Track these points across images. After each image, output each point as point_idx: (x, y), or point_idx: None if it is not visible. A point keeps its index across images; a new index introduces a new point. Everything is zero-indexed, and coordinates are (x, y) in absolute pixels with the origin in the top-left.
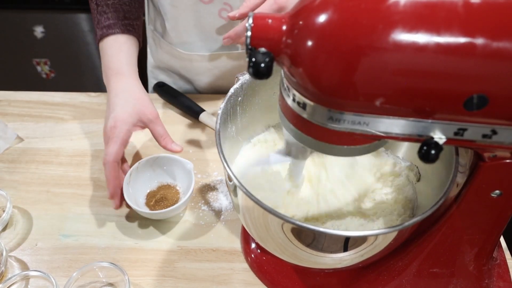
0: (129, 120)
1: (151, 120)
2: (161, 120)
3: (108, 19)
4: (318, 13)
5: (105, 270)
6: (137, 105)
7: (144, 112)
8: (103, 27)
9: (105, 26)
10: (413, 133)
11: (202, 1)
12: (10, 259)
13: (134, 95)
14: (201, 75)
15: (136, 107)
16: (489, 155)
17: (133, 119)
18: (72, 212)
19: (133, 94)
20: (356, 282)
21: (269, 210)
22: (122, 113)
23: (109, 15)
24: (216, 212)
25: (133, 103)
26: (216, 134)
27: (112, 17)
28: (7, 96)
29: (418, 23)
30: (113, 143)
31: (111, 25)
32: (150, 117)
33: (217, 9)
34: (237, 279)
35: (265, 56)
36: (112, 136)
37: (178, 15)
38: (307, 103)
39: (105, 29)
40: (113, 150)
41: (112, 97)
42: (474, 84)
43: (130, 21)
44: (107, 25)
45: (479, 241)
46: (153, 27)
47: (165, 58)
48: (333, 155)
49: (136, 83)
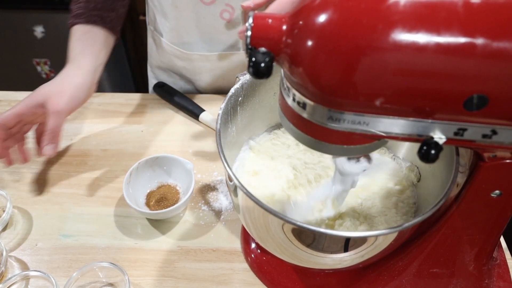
0: (35, 99)
1: (49, 110)
2: (61, 117)
3: (78, 9)
4: (318, 13)
5: (105, 270)
6: (52, 90)
7: (50, 101)
8: (72, 16)
9: (74, 15)
10: (413, 133)
11: (203, 2)
12: (10, 259)
13: (63, 80)
14: (202, 75)
15: (50, 91)
16: (489, 155)
17: (38, 98)
18: (72, 212)
19: (63, 79)
20: (356, 282)
21: (269, 211)
22: (38, 89)
23: (80, 5)
24: (216, 212)
25: (53, 86)
26: (217, 134)
27: (82, 6)
28: (7, 96)
29: (418, 23)
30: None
31: (79, 14)
32: (50, 107)
33: (219, 10)
34: (237, 279)
35: (265, 56)
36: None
37: (179, 16)
38: (307, 103)
39: (73, 18)
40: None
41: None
42: (474, 84)
43: (100, 12)
44: (76, 14)
45: (479, 241)
46: (153, 28)
47: (165, 58)
48: (332, 154)
49: (79, 70)
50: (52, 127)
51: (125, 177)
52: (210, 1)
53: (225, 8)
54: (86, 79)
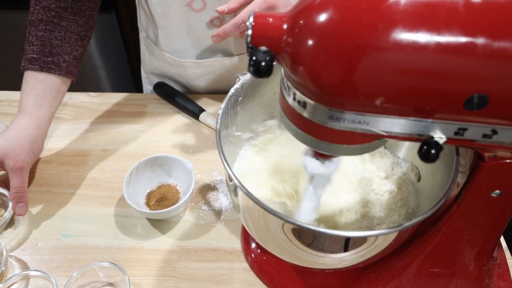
0: None
1: (11, 168)
2: (24, 174)
3: (32, 52)
4: (319, 12)
5: (105, 270)
6: (8, 147)
7: (10, 157)
8: (26, 59)
9: (28, 59)
10: (413, 133)
11: (193, 9)
12: (11, 259)
13: (17, 135)
14: (196, 80)
15: (6, 148)
16: (489, 155)
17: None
18: (72, 212)
19: (17, 133)
20: (356, 282)
21: (269, 211)
22: None
23: (34, 48)
24: (216, 212)
25: (8, 142)
26: (217, 134)
27: (36, 50)
28: (7, 96)
29: (419, 23)
30: None
31: (33, 59)
32: (11, 164)
33: (209, 17)
34: (237, 279)
35: (265, 55)
36: None
37: (170, 23)
38: (308, 102)
39: (26, 62)
40: None
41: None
42: (474, 84)
43: (55, 57)
44: (29, 58)
45: (479, 241)
46: (145, 35)
47: (159, 65)
48: (333, 154)
49: (32, 124)
50: (18, 185)
51: (125, 177)
52: (199, 9)
53: (215, 15)
54: (41, 131)
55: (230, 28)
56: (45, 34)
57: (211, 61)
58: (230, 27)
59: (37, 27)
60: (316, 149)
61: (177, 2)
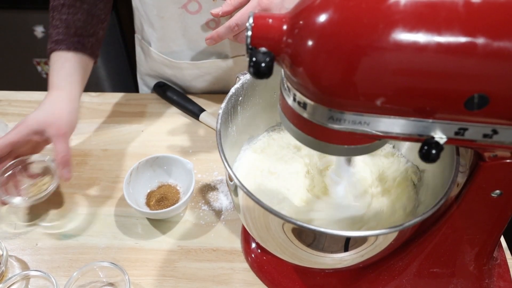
0: (31, 126)
1: (55, 135)
2: (67, 139)
3: (58, 34)
4: (318, 12)
5: (105, 270)
6: (49, 117)
7: (52, 125)
8: (52, 41)
9: (54, 41)
10: (414, 133)
11: (189, 11)
12: (11, 259)
13: (55, 107)
14: (193, 81)
15: (47, 118)
16: (489, 155)
17: (35, 126)
18: (73, 212)
19: (54, 105)
20: (357, 282)
21: (269, 210)
22: (31, 118)
23: (60, 30)
24: (216, 212)
25: (47, 113)
26: (217, 134)
27: (62, 32)
28: (8, 96)
29: (419, 23)
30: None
31: (59, 40)
32: (55, 131)
33: (204, 20)
34: (238, 279)
35: (265, 56)
36: (10, 132)
37: (165, 25)
38: (308, 103)
39: (53, 44)
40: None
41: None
42: (475, 84)
43: (81, 38)
44: (56, 40)
45: (480, 241)
46: (140, 37)
47: (155, 66)
48: (333, 154)
49: (67, 96)
50: (62, 150)
51: (126, 177)
52: (195, 11)
53: (210, 18)
54: (75, 105)
55: (223, 31)
56: (68, 17)
57: (207, 62)
58: (223, 30)
59: (60, 11)
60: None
61: (173, 4)
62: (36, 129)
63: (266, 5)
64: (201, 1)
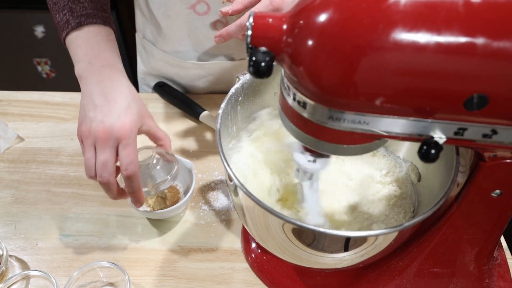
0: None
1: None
2: None
3: (85, 8)
4: (318, 12)
5: (105, 269)
6: (139, 107)
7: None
8: (81, 15)
9: (83, 15)
10: (413, 133)
11: (197, 12)
12: (11, 259)
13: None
14: (196, 81)
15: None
16: (489, 155)
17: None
18: (73, 212)
19: (131, 94)
20: (357, 282)
21: (269, 210)
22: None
23: (85, 5)
24: (216, 212)
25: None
26: (217, 134)
27: (89, 7)
28: (8, 96)
29: (419, 23)
30: (132, 150)
31: (90, 14)
32: (152, 122)
33: (212, 21)
34: (238, 279)
35: (265, 55)
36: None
37: (171, 25)
38: (308, 102)
39: (84, 18)
40: (135, 157)
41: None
42: (474, 84)
43: (107, 14)
44: (85, 14)
45: (480, 241)
46: (142, 35)
47: (157, 65)
48: (333, 154)
49: (125, 76)
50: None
51: None
52: (203, 12)
53: (218, 19)
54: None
55: (233, 29)
56: None
57: (212, 63)
58: (234, 28)
59: None
60: (316, 149)
61: (180, 4)
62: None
63: (278, 5)
64: (210, 3)
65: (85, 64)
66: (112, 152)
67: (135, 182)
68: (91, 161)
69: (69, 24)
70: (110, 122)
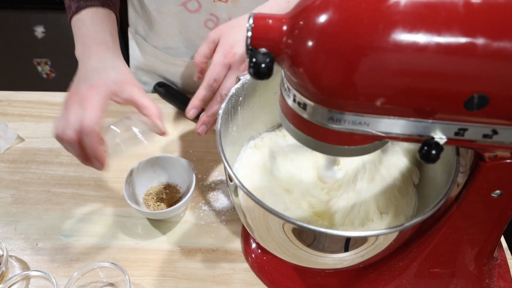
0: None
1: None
2: None
3: None
4: (318, 13)
5: (105, 270)
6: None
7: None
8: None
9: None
10: (414, 133)
11: (188, 10)
12: (11, 259)
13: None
14: (185, 79)
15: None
16: (489, 155)
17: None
18: (73, 212)
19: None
20: (357, 282)
21: (270, 210)
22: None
23: None
24: (216, 212)
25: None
26: (217, 134)
27: None
28: (8, 96)
29: (419, 23)
30: (92, 107)
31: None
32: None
33: (203, 19)
34: (238, 279)
35: (265, 57)
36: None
37: (163, 21)
38: (308, 103)
39: (83, 1)
40: (95, 114)
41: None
42: (474, 84)
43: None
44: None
45: (480, 241)
46: (134, 30)
47: (148, 60)
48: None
49: (119, 54)
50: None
51: (126, 177)
52: (194, 10)
53: (209, 17)
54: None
55: (203, 93)
56: None
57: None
58: (204, 92)
59: None
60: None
61: (172, 0)
62: (114, 90)
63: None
64: (201, 1)
65: (80, 46)
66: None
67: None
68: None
69: (71, 9)
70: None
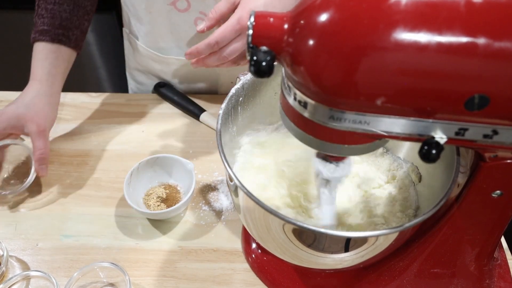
0: (10, 120)
1: (34, 131)
2: (47, 136)
3: (43, 24)
4: (319, 12)
5: (106, 270)
6: (29, 111)
7: (32, 121)
8: (37, 31)
9: (38, 31)
10: (414, 133)
11: (177, 9)
12: (11, 259)
13: (35, 101)
14: (181, 78)
15: (27, 113)
16: (490, 155)
17: (14, 121)
18: (73, 212)
19: (35, 100)
20: (357, 283)
21: (270, 211)
22: (11, 111)
23: (45, 20)
24: (216, 212)
25: (27, 107)
26: (217, 134)
27: (47, 23)
28: (7, 96)
29: (420, 23)
30: None
31: (44, 31)
32: (35, 128)
33: (193, 18)
34: (238, 279)
35: (266, 55)
36: None
37: (153, 21)
38: (308, 102)
39: (37, 34)
40: None
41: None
42: (475, 84)
43: (65, 30)
44: (40, 30)
45: (480, 241)
46: (128, 30)
47: (143, 61)
48: (333, 154)
49: (48, 91)
50: (41, 147)
51: (126, 177)
52: (184, 9)
53: (199, 16)
54: (56, 100)
55: (203, 48)
56: (54, 7)
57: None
58: (203, 47)
59: (46, 0)
60: (316, 149)
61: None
62: (14, 124)
63: (245, 23)
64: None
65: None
66: None
67: None
68: None
69: (31, 37)
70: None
